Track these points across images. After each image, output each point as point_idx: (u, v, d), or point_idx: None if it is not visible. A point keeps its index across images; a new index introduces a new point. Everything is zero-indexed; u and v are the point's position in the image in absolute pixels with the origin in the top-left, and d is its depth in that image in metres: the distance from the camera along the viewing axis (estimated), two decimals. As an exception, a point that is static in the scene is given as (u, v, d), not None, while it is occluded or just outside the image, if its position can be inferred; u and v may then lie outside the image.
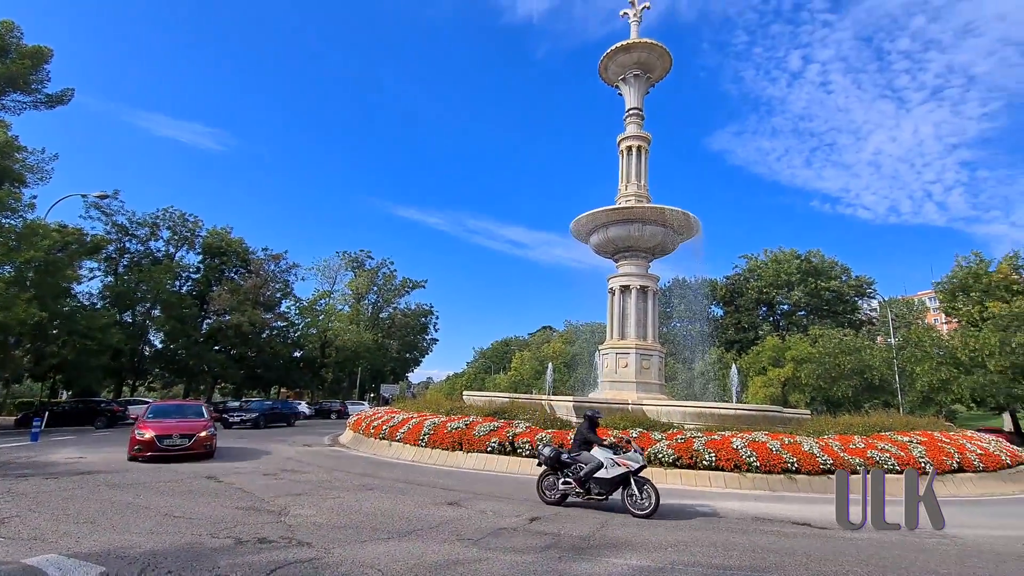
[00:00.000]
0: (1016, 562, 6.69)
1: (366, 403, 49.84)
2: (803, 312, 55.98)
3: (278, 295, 52.18)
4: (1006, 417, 42.28)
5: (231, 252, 49.49)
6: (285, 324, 53.58)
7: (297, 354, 55.16)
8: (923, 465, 12.95)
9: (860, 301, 57.56)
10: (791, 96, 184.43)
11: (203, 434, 13.73)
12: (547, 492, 9.47)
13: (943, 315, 49.10)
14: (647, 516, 8.33)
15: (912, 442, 13.77)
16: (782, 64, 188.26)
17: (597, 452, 9.00)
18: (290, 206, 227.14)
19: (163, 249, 46.88)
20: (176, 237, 47.34)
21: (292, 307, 55.94)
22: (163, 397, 54.43)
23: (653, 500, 8.48)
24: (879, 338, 49.21)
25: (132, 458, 12.92)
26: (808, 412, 22.80)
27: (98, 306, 38.57)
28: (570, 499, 9.31)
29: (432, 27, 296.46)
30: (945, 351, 38.43)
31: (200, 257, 49.40)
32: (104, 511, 7.58)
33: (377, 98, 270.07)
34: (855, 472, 12.53)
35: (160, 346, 45.87)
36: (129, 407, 30.54)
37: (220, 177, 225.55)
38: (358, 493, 9.80)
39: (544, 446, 10.48)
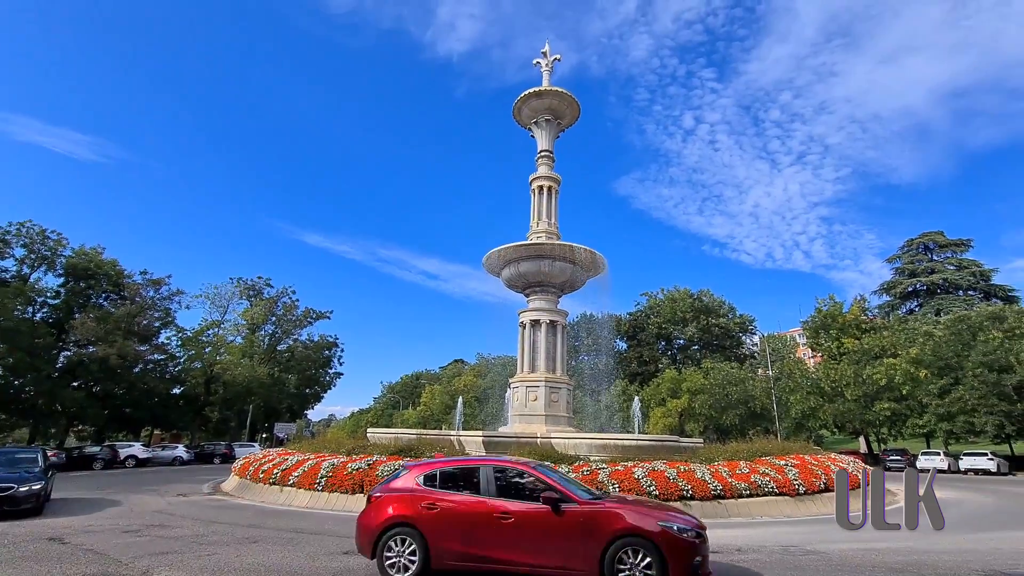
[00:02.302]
0: (871, 571, 7.50)
1: (257, 445, 45.45)
2: (697, 347, 60.63)
3: (157, 324, 46.65)
4: (862, 440, 48.24)
5: (101, 275, 43.64)
6: (164, 357, 47.83)
7: (177, 390, 49.28)
8: (796, 487, 14.26)
9: (744, 337, 63.63)
10: (686, 150, 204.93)
11: None
12: None
13: (810, 350, 55.64)
14: None
15: (788, 465, 15.15)
16: (678, 122, 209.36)
17: None
18: (180, 227, 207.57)
19: (14, 269, 40.34)
20: (33, 256, 41.00)
21: (174, 338, 50.29)
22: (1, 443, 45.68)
23: None
24: (760, 370, 54.45)
25: None
26: (701, 440, 24.33)
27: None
28: None
29: (352, 56, 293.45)
30: (812, 382, 43.39)
31: (62, 280, 43.10)
32: None
33: (287, 119, 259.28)
34: (742, 496, 13.52)
35: (0, 383, 38.77)
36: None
37: (98, 192, 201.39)
38: (239, 547, 8.75)
39: None
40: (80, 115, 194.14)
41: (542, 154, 26.08)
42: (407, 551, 6.52)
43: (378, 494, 7.19)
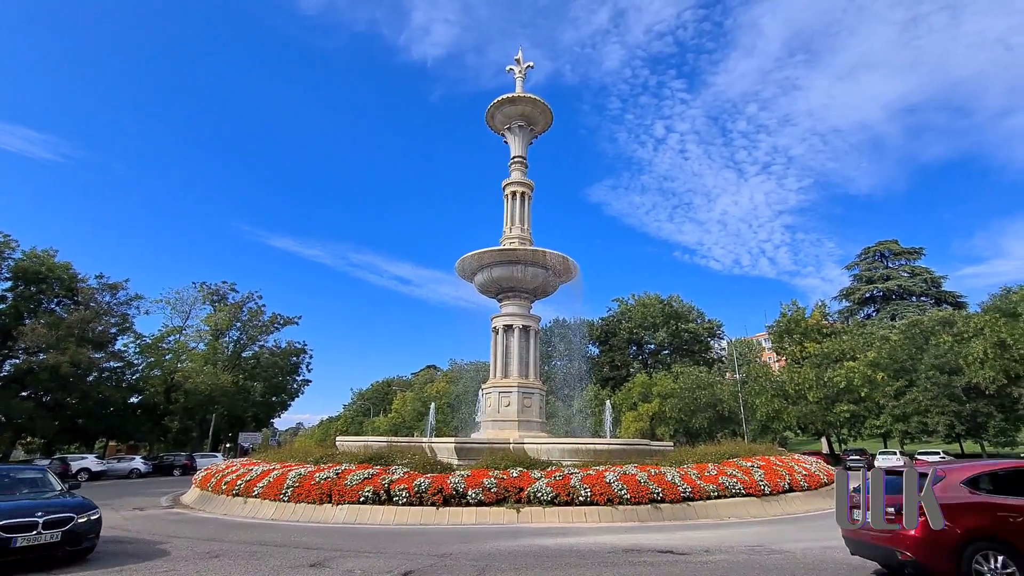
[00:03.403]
0: (833, 568, 7.71)
1: (220, 455, 43.91)
2: (667, 351, 61.61)
3: (113, 330, 44.64)
4: (824, 441, 49.82)
5: (53, 279, 41.52)
6: (121, 365, 45.83)
7: (135, 399, 47.23)
8: (762, 488, 14.60)
9: (712, 341, 65.01)
10: (657, 159, 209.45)
11: None
12: None
13: (775, 354, 57.26)
14: None
15: (754, 467, 15.50)
16: (649, 131, 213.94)
17: None
18: (141, 229, 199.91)
19: (-45, 272, 38.02)
20: (-24, 258, 38.73)
21: (131, 345, 48.24)
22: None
23: None
24: (727, 374, 55.66)
25: None
26: (671, 444, 24.70)
27: None
28: None
29: (324, 57, 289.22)
30: (776, 385, 44.63)
31: (10, 284, 40.82)
32: None
33: (256, 120, 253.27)
34: (710, 498, 13.74)
35: (-61, 394, 36.36)
36: None
37: (54, 192, 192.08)
38: (199, 563, 8.40)
39: None
40: (36, 113, 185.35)
41: (515, 160, 26.18)
42: (1001, 568, 5.94)
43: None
